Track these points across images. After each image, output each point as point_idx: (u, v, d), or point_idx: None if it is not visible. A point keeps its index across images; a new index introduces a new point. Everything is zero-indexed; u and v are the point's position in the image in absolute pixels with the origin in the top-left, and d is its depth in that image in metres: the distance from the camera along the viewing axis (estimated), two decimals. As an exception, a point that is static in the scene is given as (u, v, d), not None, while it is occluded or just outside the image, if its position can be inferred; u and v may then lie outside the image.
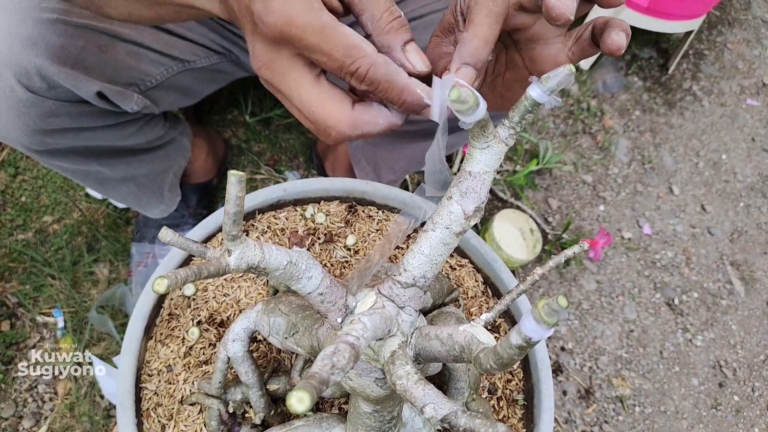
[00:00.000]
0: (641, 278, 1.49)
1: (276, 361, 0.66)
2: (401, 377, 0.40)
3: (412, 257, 0.44)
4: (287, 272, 0.43)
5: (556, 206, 1.55)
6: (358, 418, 0.53)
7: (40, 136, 0.74)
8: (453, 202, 0.43)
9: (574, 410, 1.29)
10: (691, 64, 1.90)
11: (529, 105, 0.42)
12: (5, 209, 1.29)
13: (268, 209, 0.78)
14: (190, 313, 0.69)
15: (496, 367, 0.38)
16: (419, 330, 0.45)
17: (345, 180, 0.80)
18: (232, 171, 0.37)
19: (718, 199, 1.65)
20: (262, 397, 0.60)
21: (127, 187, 1.01)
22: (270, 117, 1.48)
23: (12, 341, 1.15)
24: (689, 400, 1.35)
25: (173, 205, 1.14)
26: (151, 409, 0.63)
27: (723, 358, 1.41)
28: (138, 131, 0.89)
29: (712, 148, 1.74)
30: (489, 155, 0.43)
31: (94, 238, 1.27)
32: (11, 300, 1.19)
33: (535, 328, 0.34)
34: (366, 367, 0.47)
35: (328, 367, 0.33)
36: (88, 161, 0.88)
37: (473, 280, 0.79)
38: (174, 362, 0.66)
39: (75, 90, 0.69)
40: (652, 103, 1.79)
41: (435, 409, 0.38)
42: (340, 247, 0.78)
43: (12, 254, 1.23)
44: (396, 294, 0.45)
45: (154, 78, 0.82)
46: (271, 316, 0.57)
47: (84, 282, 1.22)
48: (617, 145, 1.69)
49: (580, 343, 1.37)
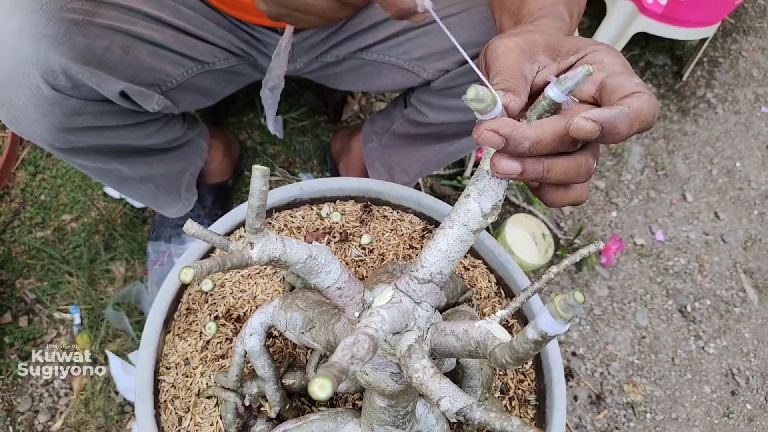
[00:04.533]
0: (654, 285, 1.48)
1: (291, 356, 0.67)
2: (417, 370, 0.41)
3: (429, 254, 0.45)
4: (307, 266, 0.44)
5: (569, 211, 1.55)
6: (372, 412, 0.53)
7: (64, 134, 0.76)
8: (470, 200, 0.44)
9: (584, 416, 1.29)
10: (705, 72, 1.90)
11: (547, 105, 0.43)
12: (25, 207, 1.31)
13: (284, 208, 0.79)
14: (208, 308, 0.71)
15: (511, 362, 0.39)
16: (435, 326, 0.46)
17: (360, 180, 0.81)
18: (257, 165, 0.38)
19: (731, 207, 1.64)
20: (277, 391, 0.61)
21: (146, 187, 1.02)
22: (285, 120, 1.50)
23: (29, 337, 1.17)
24: (701, 408, 1.34)
25: (190, 205, 1.16)
26: (169, 401, 0.64)
27: (736, 366, 1.41)
28: (158, 131, 0.91)
29: (726, 155, 1.73)
30: (506, 154, 0.44)
31: (111, 236, 1.29)
32: (29, 296, 1.21)
33: (552, 322, 0.34)
34: (382, 361, 0.48)
35: (348, 356, 0.34)
36: (108, 160, 0.89)
37: (486, 281, 0.79)
38: (191, 356, 0.67)
39: (98, 89, 0.71)
40: (665, 110, 1.79)
41: (450, 402, 0.39)
42: (355, 246, 0.79)
43: (31, 251, 1.25)
44: (413, 290, 0.45)
45: (174, 79, 0.84)
46: (288, 311, 0.58)
47: (101, 279, 1.24)
48: (630, 152, 1.68)
49: (592, 349, 1.37)
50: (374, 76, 0.99)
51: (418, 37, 0.91)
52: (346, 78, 1.04)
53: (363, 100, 1.61)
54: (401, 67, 0.94)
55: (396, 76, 0.96)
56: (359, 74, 1.01)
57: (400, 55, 0.93)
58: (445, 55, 0.89)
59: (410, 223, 0.83)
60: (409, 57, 0.92)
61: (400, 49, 0.93)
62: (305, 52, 0.96)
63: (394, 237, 0.81)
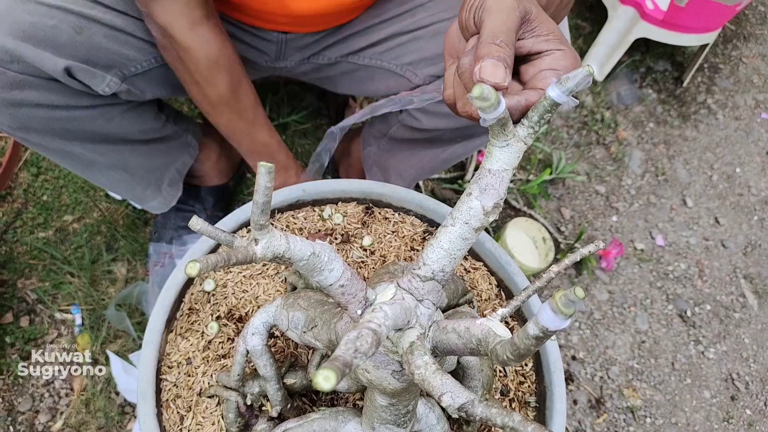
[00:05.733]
0: (653, 289, 1.49)
1: (293, 356, 0.67)
2: (420, 367, 0.41)
3: (431, 251, 0.45)
4: (310, 263, 0.44)
5: (569, 216, 1.55)
6: (374, 411, 0.54)
7: (8, 109, 0.76)
8: (472, 198, 0.44)
9: (584, 419, 1.29)
10: (705, 78, 1.90)
11: (548, 105, 0.43)
12: (27, 208, 1.31)
13: (287, 209, 0.80)
14: (210, 309, 0.71)
15: (512, 358, 0.39)
16: (437, 323, 0.47)
17: (362, 182, 0.81)
18: (262, 162, 0.38)
19: (731, 212, 1.65)
20: (279, 390, 0.61)
21: (118, 174, 1.00)
22: (287, 122, 1.50)
23: (31, 337, 1.17)
24: (701, 413, 1.34)
25: (172, 201, 1.14)
26: (171, 400, 0.64)
27: (735, 371, 1.41)
28: (120, 117, 0.89)
29: (727, 161, 1.74)
30: (508, 153, 0.44)
31: (113, 237, 1.29)
32: (31, 296, 1.21)
33: (553, 318, 0.35)
34: (384, 359, 0.48)
35: (352, 350, 0.34)
36: (68, 142, 0.87)
37: (487, 283, 0.80)
38: (193, 355, 0.67)
39: (39, 65, 0.71)
40: (666, 115, 1.79)
41: (452, 398, 0.39)
42: (356, 247, 0.79)
43: (32, 252, 1.26)
44: (415, 287, 0.46)
45: (139, 64, 0.82)
46: (290, 311, 0.59)
47: (102, 280, 1.25)
48: (631, 157, 1.69)
49: (592, 353, 1.37)
50: (368, 81, 1.00)
51: (409, 42, 0.92)
52: (341, 81, 1.05)
53: (365, 103, 1.61)
54: (393, 71, 0.95)
55: (389, 80, 0.97)
56: (353, 78, 1.01)
57: (392, 59, 0.94)
58: (436, 61, 0.90)
59: (412, 225, 0.83)
60: (400, 62, 0.93)
61: (392, 54, 0.94)
62: (298, 51, 0.96)
63: (395, 239, 0.81)
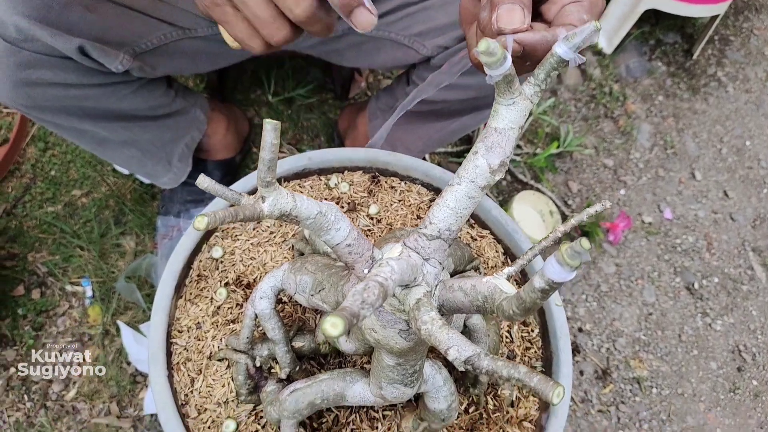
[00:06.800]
0: (661, 262, 1.48)
1: (301, 320, 0.68)
2: (426, 322, 0.42)
3: (437, 210, 0.46)
4: (317, 222, 0.44)
5: (576, 189, 1.55)
6: (381, 371, 0.54)
7: (23, 88, 0.76)
8: (479, 157, 0.44)
9: (590, 390, 1.30)
10: (716, 50, 1.88)
11: (555, 62, 0.43)
12: (35, 182, 1.32)
13: (293, 178, 0.80)
14: (218, 275, 0.72)
15: (518, 312, 0.40)
16: (443, 282, 0.47)
17: (369, 150, 0.81)
18: (268, 119, 0.38)
19: (741, 186, 1.64)
20: (287, 353, 0.62)
21: (129, 151, 1.01)
22: (292, 97, 1.50)
23: (42, 309, 1.19)
24: (707, 384, 1.35)
25: (182, 176, 1.15)
26: (181, 363, 0.65)
27: (742, 342, 1.41)
28: (133, 94, 0.89)
29: (736, 134, 1.72)
30: (514, 112, 0.44)
31: (121, 211, 1.30)
32: (41, 269, 1.23)
33: (558, 270, 0.35)
34: (391, 318, 0.48)
35: (359, 302, 0.35)
36: (81, 120, 0.88)
37: (494, 251, 0.80)
38: (203, 320, 0.68)
39: (53, 44, 0.71)
40: (675, 88, 1.78)
41: (459, 351, 0.39)
42: (363, 215, 0.79)
43: (42, 226, 1.27)
44: (421, 246, 0.46)
45: (149, 41, 0.82)
46: (297, 275, 0.59)
47: (111, 253, 1.26)
48: (639, 130, 1.68)
49: (598, 325, 1.38)
50: (375, 53, 0.99)
51: (417, 12, 0.91)
52: (348, 54, 1.04)
53: (370, 77, 1.60)
54: (401, 43, 0.94)
55: (396, 52, 0.96)
56: (360, 50, 1.01)
57: (400, 30, 0.93)
58: (444, 31, 0.89)
59: (418, 194, 0.83)
60: (408, 33, 0.92)
61: (400, 25, 0.93)
62: None
63: (401, 207, 0.81)
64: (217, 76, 1.46)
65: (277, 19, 0.46)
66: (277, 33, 0.46)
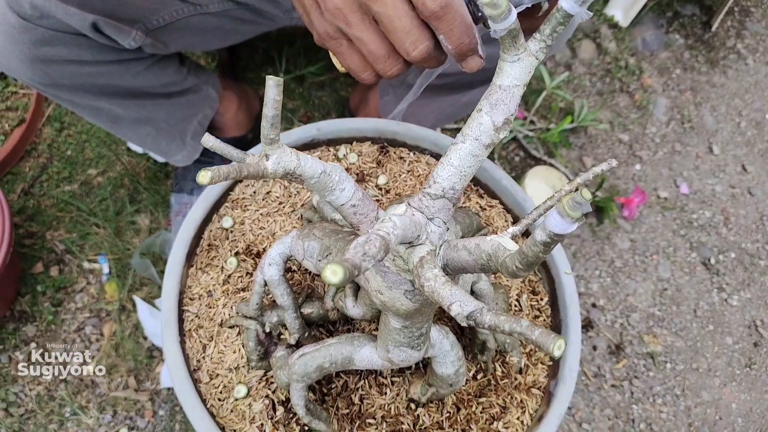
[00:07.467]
0: (677, 237, 1.47)
1: (310, 288, 0.68)
2: (429, 279, 0.42)
3: (441, 169, 0.45)
4: (321, 182, 0.45)
5: (591, 165, 1.53)
6: (388, 334, 0.55)
7: (39, 65, 0.77)
8: (482, 114, 0.44)
9: (603, 365, 1.29)
10: (736, 22, 1.83)
11: (560, 17, 0.42)
12: (52, 162, 1.34)
13: (302, 148, 0.80)
14: (228, 245, 0.72)
15: (521, 267, 0.39)
16: (447, 242, 0.47)
17: (378, 120, 0.81)
18: (270, 76, 0.38)
19: (759, 160, 1.61)
20: (296, 319, 0.63)
21: (144, 129, 1.02)
22: (304, 75, 1.50)
23: (61, 285, 1.21)
24: (722, 359, 1.34)
25: (196, 153, 1.16)
26: (193, 330, 0.66)
27: (759, 318, 1.39)
28: (146, 71, 0.90)
29: (756, 107, 1.69)
30: (519, 68, 0.44)
31: (135, 189, 1.32)
32: (59, 247, 1.25)
33: (560, 222, 0.35)
34: (396, 279, 0.49)
35: (360, 253, 0.35)
36: (97, 98, 0.89)
37: (503, 220, 0.80)
38: (214, 288, 0.69)
39: (67, 21, 0.71)
40: (693, 61, 1.74)
41: (461, 306, 0.40)
42: (371, 186, 0.79)
43: (59, 204, 1.29)
44: (425, 205, 0.46)
45: (161, 17, 0.82)
46: (305, 241, 0.60)
47: (127, 231, 1.27)
48: (656, 104, 1.65)
49: (612, 300, 1.37)
50: None
51: None
52: None
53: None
54: None
55: None
56: None
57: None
58: None
59: (427, 164, 0.83)
60: None
61: None
62: None
63: (410, 178, 0.81)
64: (228, 55, 1.46)
65: (392, 56, 0.47)
66: (390, 68, 0.48)
